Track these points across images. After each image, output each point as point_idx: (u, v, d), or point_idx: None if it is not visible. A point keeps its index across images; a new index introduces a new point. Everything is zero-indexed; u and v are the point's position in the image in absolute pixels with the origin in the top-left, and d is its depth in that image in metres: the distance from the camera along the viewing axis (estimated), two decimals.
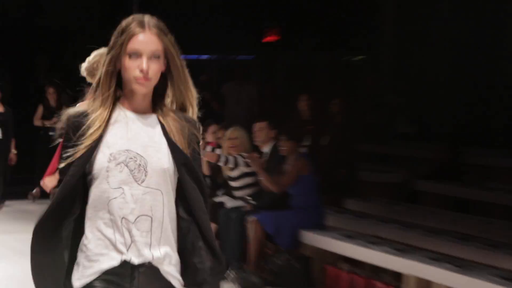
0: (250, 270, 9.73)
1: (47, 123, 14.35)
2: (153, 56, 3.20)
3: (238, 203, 10.44)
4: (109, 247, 3.31)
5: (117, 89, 3.38)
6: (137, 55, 3.19)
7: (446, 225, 10.70)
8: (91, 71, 6.58)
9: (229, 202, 10.48)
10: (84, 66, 6.73)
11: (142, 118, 3.39)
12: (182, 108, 3.43)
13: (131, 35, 3.22)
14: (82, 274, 3.28)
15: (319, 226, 9.98)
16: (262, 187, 10.11)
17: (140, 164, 3.30)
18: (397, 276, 9.04)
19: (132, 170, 3.28)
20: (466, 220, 11.15)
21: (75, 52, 11.18)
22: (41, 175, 7.68)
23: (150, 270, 3.32)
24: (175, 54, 3.29)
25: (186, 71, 3.39)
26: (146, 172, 3.30)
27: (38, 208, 13.93)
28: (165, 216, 3.35)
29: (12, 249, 11.59)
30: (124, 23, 3.29)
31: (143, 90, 3.28)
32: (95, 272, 3.26)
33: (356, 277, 9.49)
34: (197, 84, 6.16)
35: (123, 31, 3.28)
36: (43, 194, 13.62)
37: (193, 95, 3.45)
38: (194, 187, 3.38)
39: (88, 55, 6.78)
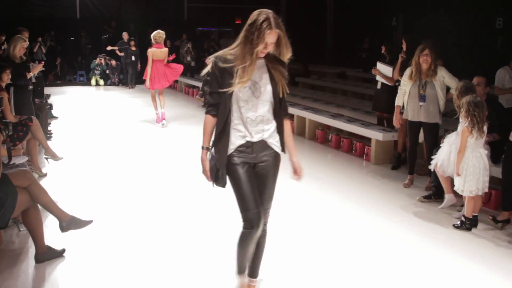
0: None
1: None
2: (272, 43, 3.40)
3: None
4: (240, 134, 3.56)
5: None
6: (265, 43, 3.38)
7: (309, 94, 13.20)
8: (154, 38, 11.07)
9: None
10: (152, 36, 11.24)
11: (257, 62, 3.48)
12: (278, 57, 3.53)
13: (265, 32, 3.35)
14: (228, 148, 3.58)
15: None
16: None
17: (257, 87, 3.50)
18: (291, 115, 9.54)
19: (253, 91, 3.51)
20: (316, 92, 13.90)
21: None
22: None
23: (261, 142, 3.59)
24: (283, 36, 3.42)
25: (288, 43, 3.47)
26: (260, 92, 3.51)
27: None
28: (270, 114, 3.58)
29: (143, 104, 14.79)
30: (258, 19, 3.39)
31: (262, 56, 3.47)
32: (233, 147, 3.57)
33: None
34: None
35: (259, 26, 3.36)
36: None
37: (288, 55, 3.50)
38: (278, 98, 3.55)
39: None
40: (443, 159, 5.98)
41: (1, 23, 16.33)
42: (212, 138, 3.68)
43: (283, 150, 3.72)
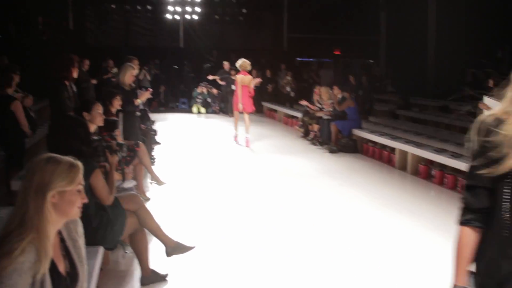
0: (332, 144, 12.04)
1: None
2: None
3: (326, 117, 12.58)
4: None
5: None
6: None
7: (411, 128, 12.70)
8: (241, 66, 12.10)
9: (324, 117, 12.68)
10: (238, 63, 12.37)
11: None
12: None
13: None
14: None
15: (359, 127, 12.26)
16: (338, 110, 12.27)
17: None
18: (392, 149, 10.69)
19: None
20: (417, 125, 13.28)
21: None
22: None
23: None
24: None
25: None
26: None
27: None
28: None
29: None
30: None
31: None
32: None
33: (376, 149, 11.36)
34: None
35: None
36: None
37: None
38: None
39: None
40: None
41: (110, 51, 17.51)
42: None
43: None
